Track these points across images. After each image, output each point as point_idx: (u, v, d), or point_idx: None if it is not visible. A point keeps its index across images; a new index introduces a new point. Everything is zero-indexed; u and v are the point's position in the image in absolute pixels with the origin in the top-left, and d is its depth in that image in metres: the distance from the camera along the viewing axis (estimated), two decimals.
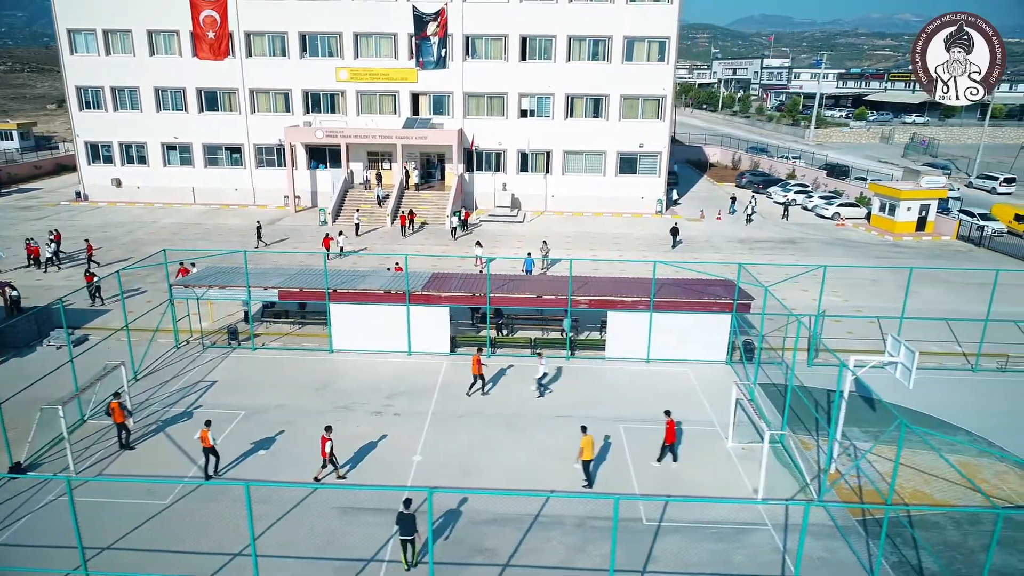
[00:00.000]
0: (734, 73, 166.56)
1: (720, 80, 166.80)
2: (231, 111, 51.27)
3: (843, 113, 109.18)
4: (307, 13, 48.70)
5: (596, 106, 50.32)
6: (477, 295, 25.85)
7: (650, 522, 16.98)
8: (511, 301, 26.02)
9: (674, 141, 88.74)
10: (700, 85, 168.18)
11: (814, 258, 40.21)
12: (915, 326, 28.83)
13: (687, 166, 75.97)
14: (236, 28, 48.91)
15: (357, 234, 43.77)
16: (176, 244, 41.01)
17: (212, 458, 18.47)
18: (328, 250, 38.69)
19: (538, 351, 24.94)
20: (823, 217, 51.68)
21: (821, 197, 53.39)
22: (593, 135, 50.55)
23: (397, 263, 32.92)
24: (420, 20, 48.22)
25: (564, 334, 26.96)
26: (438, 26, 48.35)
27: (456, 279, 27.60)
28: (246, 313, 29.11)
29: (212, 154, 52.32)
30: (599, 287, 26.54)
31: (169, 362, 25.52)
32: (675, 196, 55.66)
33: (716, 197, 58.97)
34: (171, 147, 52.34)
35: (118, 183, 52.87)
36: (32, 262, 35.99)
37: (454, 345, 26.77)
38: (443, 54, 48.87)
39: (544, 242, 38.47)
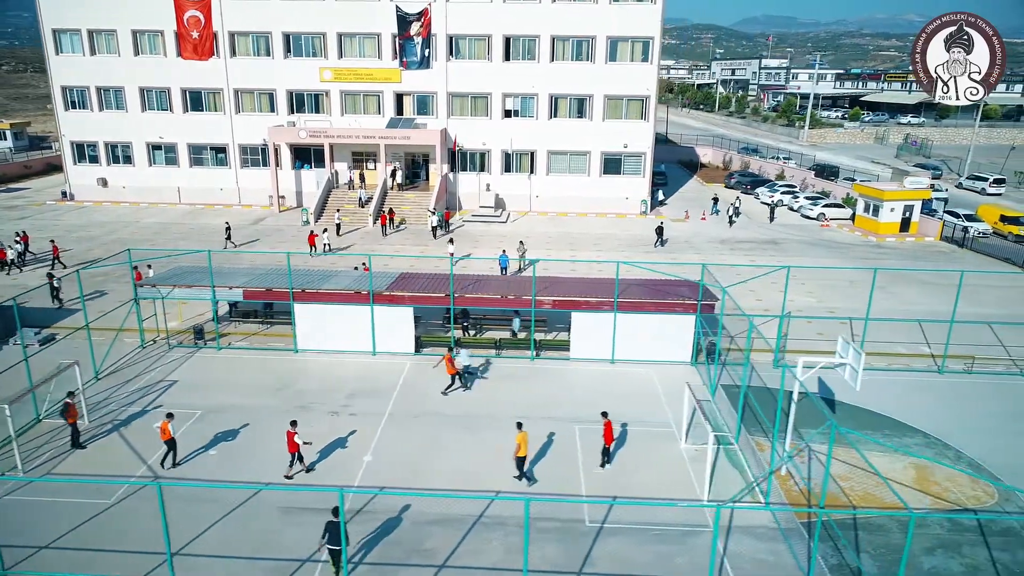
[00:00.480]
0: (733, 74, 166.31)
1: (719, 81, 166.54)
2: (216, 111, 51.35)
3: (839, 114, 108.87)
4: (291, 13, 48.75)
5: (580, 106, 50.25)
6: (440, 295, 25.80)
7: (593, 523, 16.92)
8: (474, 301, 25.97)
9: (666, 141, 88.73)
10: (699, 86, 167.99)
11: (794, 259, 40.07)
12: (886, 327, 28.72)
13: (678, 166, 75.84)
14: (220, 28, 48.98)
15: (338, 234, 43.82)
16: (158, 244, 41.09)
17: (171, 450, 18.74)
18: (313, 247, 39.23)
19: (459, 347, 24.89)
20: (808, 218, 51.52)
21: (807, 198, 53.23)
22: (577, 135, 50.49)
23: (364, 263, 32.93)
24: (403, 20, 48.22)
25: (515, 335, 26.98)
26: (421, 26, 48.34)
27: (423, 279, 27.56)
28: (216, 312, 29.20)
29: (197, 154, 52.40)
30: (563, 288, 26.48)
31: (133, 362, 25.53)
32: (661, 196, 55.55)
33: (704, 198, 58.83)
34: (156, 147, 52.44)
35: (104, 183, 52.99)
36: (6, 265, 35.86)
37: (419, 345, 26.73)
38: (427, 54, 48.87)
39: (521, 242, 38.42)
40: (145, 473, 18.66)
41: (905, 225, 46.78)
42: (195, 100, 51.27)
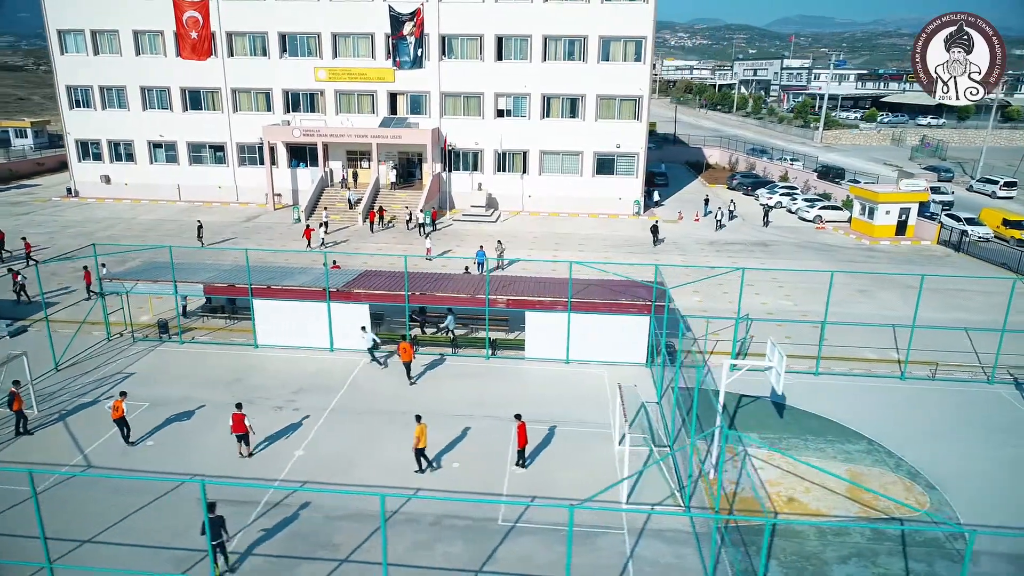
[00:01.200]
0: (755, 74, 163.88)
1: (740, 81, 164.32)
2: (214, 110, 52.20)
3: (857, 115, 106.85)
4: (286, 13, 49.36)
5: (572, 106, 50.09)
6: (395, 293, 25.95)
7: (505, 522, 16.90)
8: (428, 299, 26.08)
9: (674, 142, 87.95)
10: (719, 86, 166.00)
11: (780, 261, 39.49)
12: (860, 331, 28.24)
13: (684, 167, 75.15)
14: (218, 28, 49.79)
15: (326, 231, 44.22)
16: (148, 240, 41.92)
17: (124, 428, 19.69)
18: (309, 241, 40.24)
19: (363, 326, 25.37)
20: (805, 220, 50.70)
21: (804, 200, 52.37)
22: (569, 135, 50.33)
23: (335, 260, 33.27)
24: (396, 20, 48.58)
25: (449, 332, 27.13)
26: (414, 26, 48.66)
27: (383, 277, 27.75)
28: (184, 307, 29.75)
29: (196, 152, 53.32)
30: (518, 287, 26.45)
31: (95, 354, 26.10)
32: (656, 197, 55.08)
33: (712, 200, 58.13)
34: (157, 145, 53.49)
35: (107, 180, 54.20)
36: None
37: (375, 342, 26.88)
38: (419, 54, 49.17)
39: (499, 241, 38.46)
40: (80, 462, 19.09)
41: (901, 228, 45.80)
42: (194, 99, 52.18)
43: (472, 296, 25.71)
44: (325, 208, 45.75)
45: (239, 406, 19.19)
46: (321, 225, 41.97)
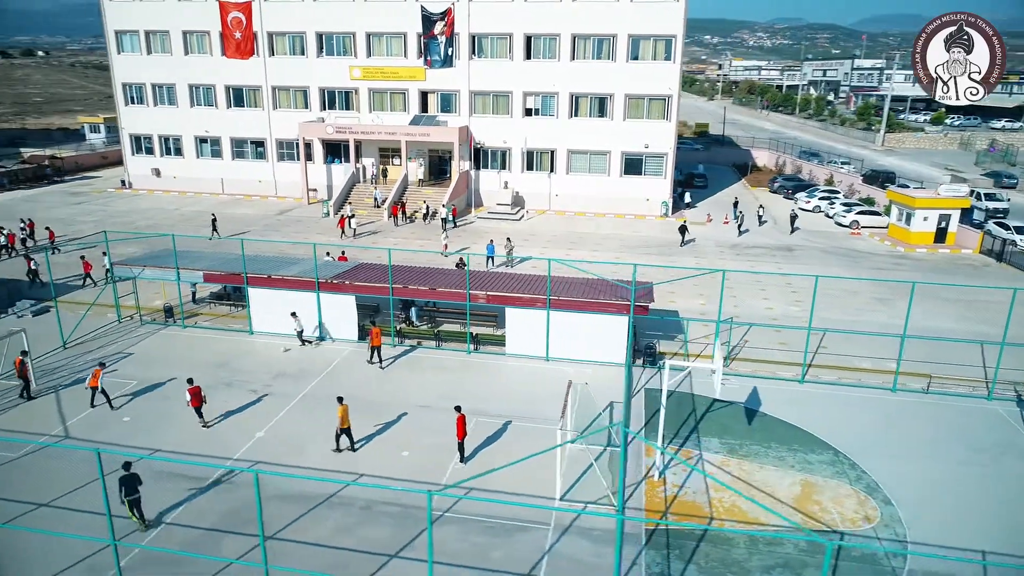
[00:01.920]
0: (824, 75, 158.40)
1: (808, 82, 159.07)
2: (256, 107, 54.34)
3: (925, 118, 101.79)
4: (323, 13, 50.91)
5: (601, 105, 49.76)
6: (380, 285, 26.53)
7: (436, 512, 17.13)
8: (412, 292, 26.56)
9: (723, 143, 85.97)
10: (787, 87, 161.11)
11: (799, 267, 38.23)
12: (857, 340, 27.17)
13: (730, 169, 73.44)
14: (260, 29, 51.82)
15: (350, 226, 45.41)
16: (184, 231, 43.97)
17: (103, 395, 21.47)
18: (343, 230, 42.86)
19: (292, 312, 26.52)
20: (841, 225, 48.82)
21: (842, 204, 50.41)
22: (597, 135, 50.02)
23: (343, 252, 34.18)
24: (428, 20, 49.42)
25: (412, 324, 27.85)
26: (445, 25, 49.38)
27: (376, 269, 28.40)
28: (194, 294, 31.24)
29: (239, 147, 55.62)
30: (500, 283, 26.60)
31: (103, 335, 27.72)
32: (688, 199, 54.04)
33: (744, 202, 56.66)
34: (203, 140, 56.08)
35: (157, 173, 57.18)
36: (9, 249, 38.54)
37: (363, 333, 27.55)
38: (450, 53, 49.87)
39: (508, 239, 38.68)
40: (59, 432, 20.39)
41: (941, 236, 43.54)
42: (237, 97, 54.44)
43: (452, 291, 26.03)
44: (350, 203, 46.97)
45: (190, 381, 20.42)
46: (353, 216, 43.91)
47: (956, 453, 20.15)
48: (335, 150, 53.96)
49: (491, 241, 37.93)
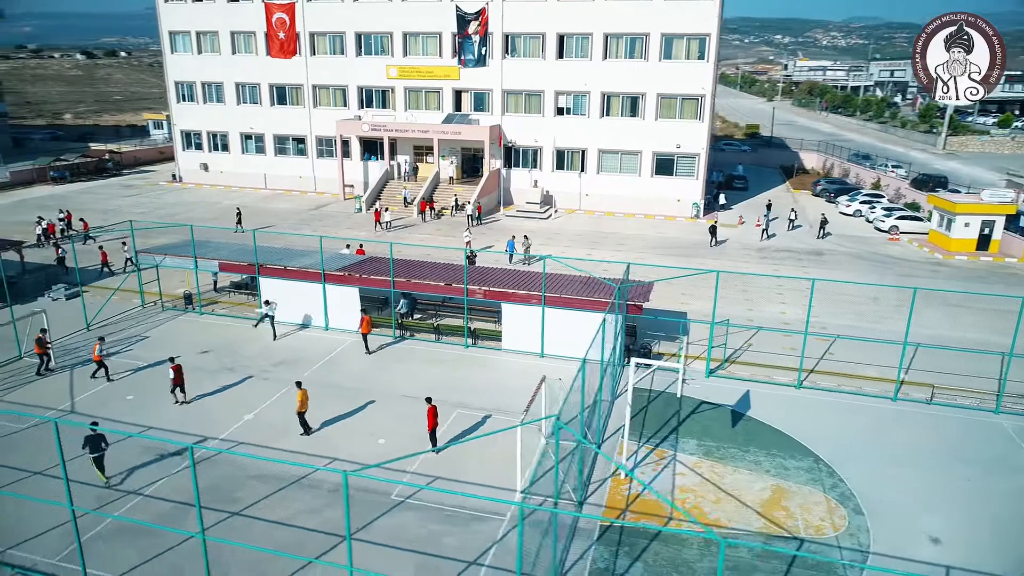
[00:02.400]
0: (891, 75, 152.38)
1: (875, 83, 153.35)
2: (297, 105, 56.10)
3: (993, 120, 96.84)
4: (362, 14, 52.18)
5: (632, 105, 49.40)
6: (381, 279, 27.18)
7: (398, 497, 17.60)
8: (409, 286, 27.12)
9: (771, 144, 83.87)
10: (851, 88, 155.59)
11: (824, 272, 37.16)
12: (864, 348, 26.37)
13: (776, 171, 71.72)
14: (302, 29, 53.49)
15: (384, 220, 46.35)
16: (222, 223, 45.88)
17: (102, 368, 23.07)
18: (378, 222, 44.64)
19: (266, 300, 27.72)
20: (880, 230, 47.12)
21: (883, 209, 48.64)
22: (628, 134, 49.68)
23: (361, 245, 35.04)
24: (462, 19, 50.06)
25: (403, 317, 28.30)
26: (479, 25, 49.93)
27: (381, 263, 29.09)
28: (214, 283, 32.62)
29: (281, 144, 57.52)
30: (496, 279, 26.87)
31: (125, 319, 29.27)
32: (723, 200, 53.07)
33: (785, 204, 55.37)
34: (248, 136, 58.22)
35: (205, 167, 59.67)
36: (48, 237, 40.61)
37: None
38: (483, 52, 50.39)
39: (525, 236, 38.91)
40: (65, 407, 21.73)
41: (984, 243, 41.56)
42: (280, 95, 56.32)
43: (449, 285, 26.47)
44: (380, 199, 48.01)
45: (172, 359, 21.67)
46: (387, 209, 45.91)
47: (944, 465, 19.40)
48: (372, 147, 55.20)
49: (512, 238, 38.29)
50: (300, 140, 57.04)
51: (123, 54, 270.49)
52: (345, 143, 54.15)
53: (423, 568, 15.27)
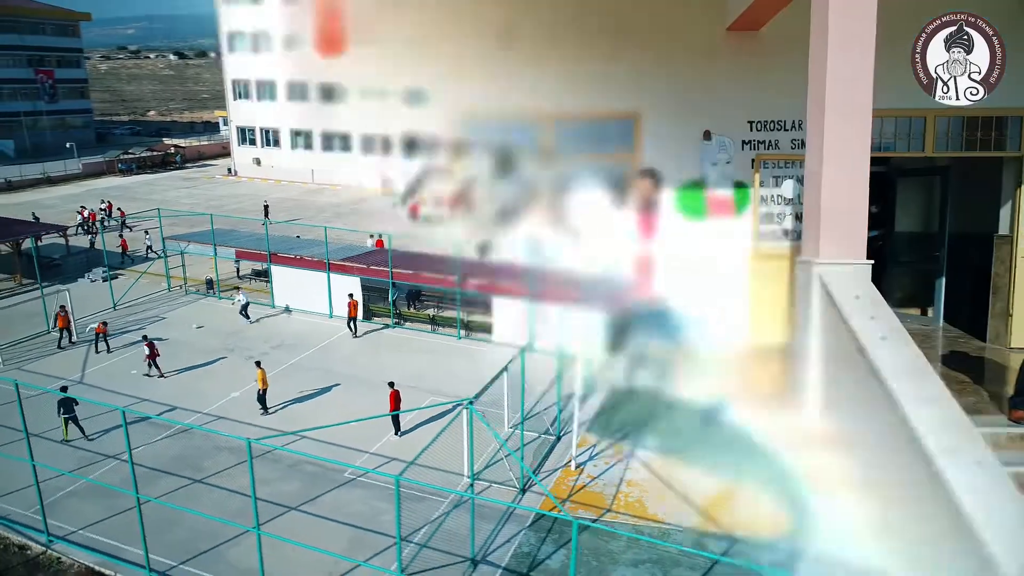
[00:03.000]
0: None
1: None
2: (341, 103, 58.05)
3: None
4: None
5: None
6: (380, 269, 28.18)
7: (352, 475, 18.39)
8: (408, 277, 28.00)
9: None
10: None
11: None
12: None
13: None
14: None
15: (420, 213, 47.63)
16: (260, 215, 48.13)
17: (103, 343, 25.25)
18: (415, 214, 44.95)
19: (237, 287, 29.27)
20: None
21: None
22: None
23: (381, 236, 36.21)
24: None
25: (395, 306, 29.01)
26: None
27: (383, 255, 30.08)
28: (237, 269, 34.41)
29: (327, 140, 59.67)
30: (488, 272, 27.35)
31: (150, 301, 31.32)
32: None
33: None
34: (297, 133, 60.68)
35: (258, 162, 62.57)
36: (89, 226, 43.54)
37: (368, 313, 29.29)
38: None
39: None
40: (75, 378, 23.56)
41: None
42: (327, 92, 58.38)
43: (445, 278, 27.17)
44: (414, 194, 49.22)
45: (144, 337, 23.56)
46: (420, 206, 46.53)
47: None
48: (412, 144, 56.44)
49: None
50: (345, 137, 58.97)
51: (212, 55, 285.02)
52: (386, 140, 55.62)
53: (355, 541, 15.98)
